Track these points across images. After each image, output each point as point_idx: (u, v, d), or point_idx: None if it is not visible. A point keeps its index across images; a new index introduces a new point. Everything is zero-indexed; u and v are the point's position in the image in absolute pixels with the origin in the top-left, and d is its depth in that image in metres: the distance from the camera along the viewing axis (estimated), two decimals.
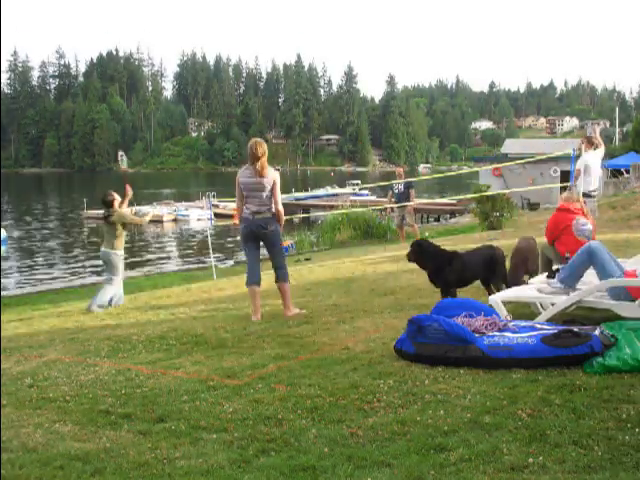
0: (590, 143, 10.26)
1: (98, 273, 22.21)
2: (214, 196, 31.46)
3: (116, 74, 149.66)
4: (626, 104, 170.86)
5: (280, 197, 6.46)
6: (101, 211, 9.44)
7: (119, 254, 8.96)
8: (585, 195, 9.79)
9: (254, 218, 6.40)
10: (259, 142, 6.47)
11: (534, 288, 5.58)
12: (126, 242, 9.22)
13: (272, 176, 6.38)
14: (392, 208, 14.90)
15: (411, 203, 14.11)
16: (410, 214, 14.51)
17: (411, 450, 3.15)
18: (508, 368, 4.15)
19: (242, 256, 25.50)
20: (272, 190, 6.35)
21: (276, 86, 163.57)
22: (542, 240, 6.85)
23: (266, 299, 7.50)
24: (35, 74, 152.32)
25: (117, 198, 9.10)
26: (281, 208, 6.47)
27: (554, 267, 6.12)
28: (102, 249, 9.06)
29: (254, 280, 6.56)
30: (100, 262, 9.05)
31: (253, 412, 3.78)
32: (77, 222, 41.45)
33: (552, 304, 5.19)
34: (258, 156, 6.29)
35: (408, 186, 14.07)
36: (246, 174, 6.41)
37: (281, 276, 6.58)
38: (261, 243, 6.65)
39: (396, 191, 14.18)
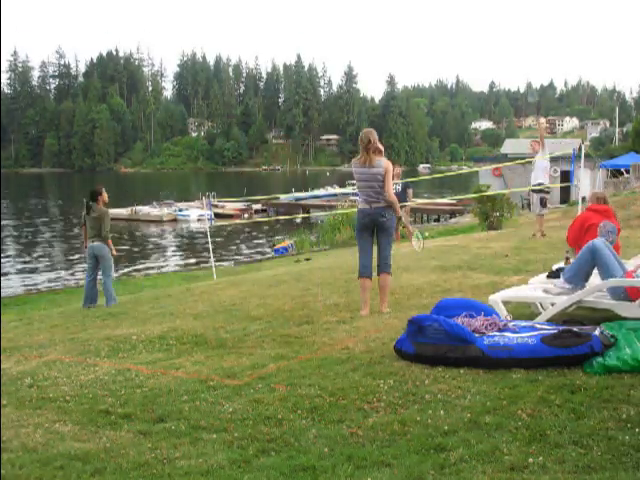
0: (541, 146, 12.04)
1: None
2: (214, 196, 31.48)
3: (116, 74, 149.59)
4: (626, 104, 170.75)
5: (391, 186, 6.37)
6: None
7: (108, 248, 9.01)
8: (534, 191, 11.64)
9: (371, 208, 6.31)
10: (368, 131, 6.34)
11: (536, 288, 5.57)
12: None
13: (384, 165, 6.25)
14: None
15: (408, 203, 13.81)
16: (407, 215, 14.23)
17: (411, 450, 3.15)
18: (508, 368, 4.15)
19: (242, 257, 25.54)
20: (384, 180, 6.24)
21: (276, 86, 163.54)
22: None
23: (266, 299, 7.51)
24: (35, 74, 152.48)
25: (105, 197, 9.21)
26: (394, 198, 6.41)
27: (554, 267, 6.11)
28: (93, 243, 9.02)
29: (366, 273, 6.45)
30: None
31: (253, 412, 3.78)
32: (77, 222, 41.43)
33: (552, 304, 5.19)
34: (367, 145, 6.19)
35: (406, 186, 13.60)
36: (357, 164, 6.36)
37: (384, 267, 6.46)
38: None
39: (394, 191, 13.98)
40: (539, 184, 11.96)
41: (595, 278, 5.29)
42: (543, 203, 11.92)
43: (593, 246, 5.20)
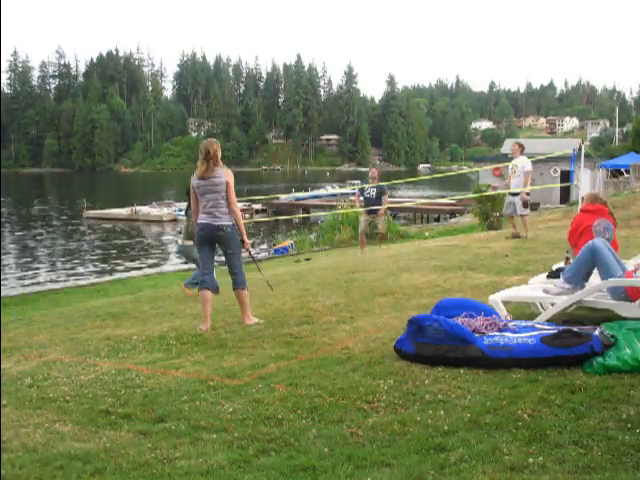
0: (522, 148, 12.19)
1: (101, 273, 22.25)
2: None
3: (116, 74, 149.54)
4: (626, 104, 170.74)
5: (235, 198, 6.10)
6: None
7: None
8: (514, 195, 11.91)
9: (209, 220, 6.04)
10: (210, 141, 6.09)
11: (536, 288, 5.57)
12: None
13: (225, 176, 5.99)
14: (386, 210, 13.87)
15: (383, 207, 12.93)
16: (383, 219, 13.25)
17: (411, 450, 3.15)
18: (508, 368, 4.16)
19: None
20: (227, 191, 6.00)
21: (276, 86, 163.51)
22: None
23: (266, 299, 7.51)
24: (35, 74, 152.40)
25: None
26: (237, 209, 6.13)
27: (554, 267, 6.12)
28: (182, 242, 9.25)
29: (205, 284, 6.29)
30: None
31: (253, 412, 3.78)
32: (77, 222, 41.43)
33: (552, 304, 5.19)
34: (207, 156, 5.96)
35: (381, 192, 12.60)
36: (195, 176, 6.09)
37: (239, 282, 6.26)
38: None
39: (367, 195, 12.70)
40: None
41: (595, 278, 5.29)
42: (525, 204, 12.00)
43: (593, 246, 5.20)
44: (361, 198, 13.16)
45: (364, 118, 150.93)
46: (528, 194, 12.11)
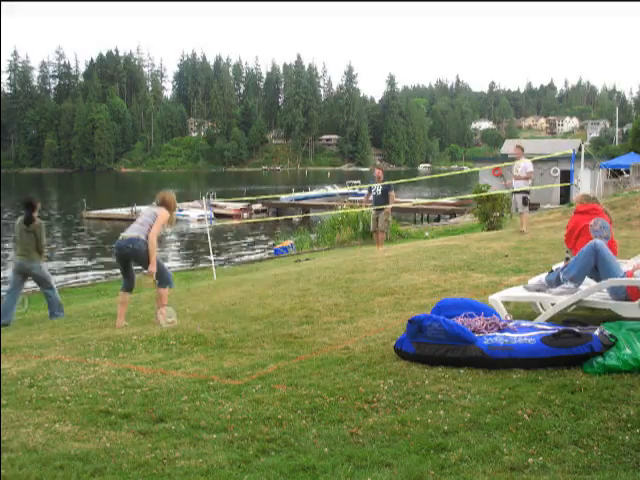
0: (523, 151, 13.29)
1: (102, 274, 22.25)
2: (214, 196, 31.46)
3: (116, 74, 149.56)
4: (626, 104, 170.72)
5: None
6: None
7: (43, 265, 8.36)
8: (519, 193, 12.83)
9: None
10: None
11: (537, 288, 5.57)
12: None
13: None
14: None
15: (389, 206, 13.50)
16: (387, 216, 13.85)
17: (411, 450, 3.15)
18: (508, 368, 4.16)
19: (242, 257, 25.55)
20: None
21: (276, 86, 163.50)
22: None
23: (266, 299, 7.51)
24: (35, 74, 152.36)
25: (38, 206, 8.44)
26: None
27: (554, 267, 6.11)
28: (19, 260, 8.25)
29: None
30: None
31: (253, 412, 3.78)
32: (77, 222, 41.42)
33: (552, 304, 5.20)
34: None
35: (387, 189, 13.32)
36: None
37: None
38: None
39: (374, 193, 13.43)
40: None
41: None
42: (525, 202, 13.04)
43: (596, 245, 5.21)
44: (370, 197, 13.85)
45: (364, 118, 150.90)
46: (528, 192, 13.02)
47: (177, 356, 5.23)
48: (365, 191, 15.46)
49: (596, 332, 4.23)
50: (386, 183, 13.48)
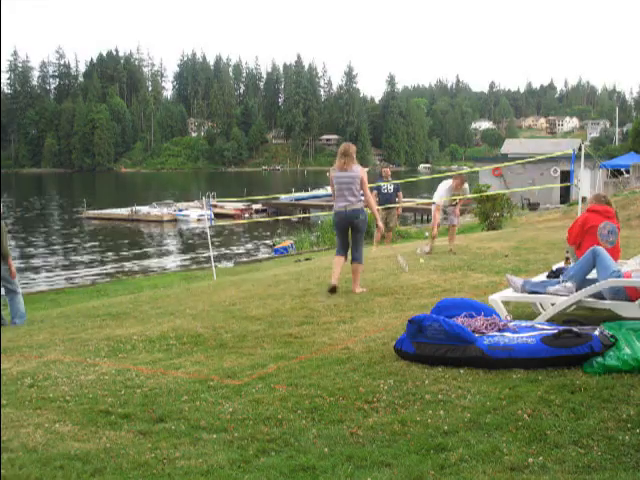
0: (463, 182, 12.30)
1: (101, 273, 22.26)
2: (214, 196, 31.47)
3: (116, 74, 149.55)
4: (626, 104, 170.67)
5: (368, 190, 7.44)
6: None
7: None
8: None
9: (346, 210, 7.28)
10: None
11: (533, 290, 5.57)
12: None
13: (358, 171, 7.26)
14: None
15: (398, 205, 13.66)
16: (396, 217, 13.95)
17: (411, 450, 3.15)
18: (508, 368, 4.16)
19: (242, 257, 25.55)
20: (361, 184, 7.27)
21: (276, 86, 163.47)
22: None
23: (266, 299, 7.51)
24: (35, 74, 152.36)
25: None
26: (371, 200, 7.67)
27: (554, 267, 6.12)
28: None
29: (341, 252, 7.51)
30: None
31: (253, 412, 3.78)
32: (77, 222, 41.42)
33: (552, 304, 5.20)
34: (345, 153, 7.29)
35: (397, 188, 13.54)
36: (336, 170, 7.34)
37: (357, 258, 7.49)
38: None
39: (384, 191, 13.57)
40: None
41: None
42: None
43: (595, 249, 5.29)
44: (376, 194, 13.76)
45: (364, 118, 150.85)
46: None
47: (177, 356, 5.23)
48: None
49: (596, 332, 4.23)
50: (395, 182, 13.72)
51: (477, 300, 5.41)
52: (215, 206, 37.47)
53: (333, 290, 7.29)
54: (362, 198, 7.33)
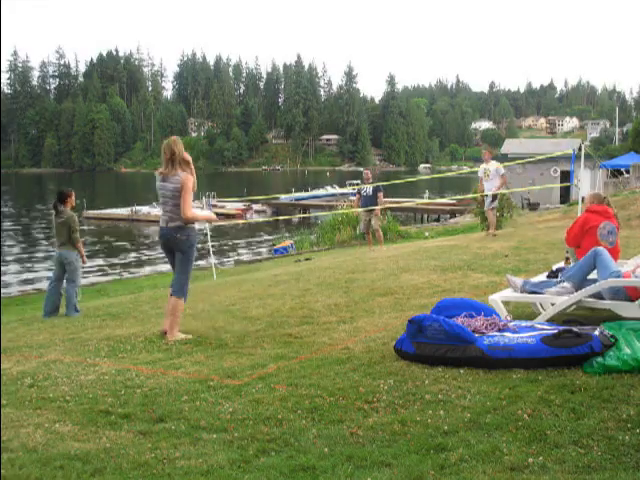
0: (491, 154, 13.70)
1: (101, 273, 22.26)
2: (214, 196, 31.46)
3: (116, 74, 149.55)
4: (626, 104, 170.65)
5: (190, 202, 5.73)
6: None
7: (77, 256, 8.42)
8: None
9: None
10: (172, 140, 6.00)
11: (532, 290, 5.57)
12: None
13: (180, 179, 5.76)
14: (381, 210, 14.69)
15: (379, 207, 13.87)
16: (377, 217, 14.02)
17: (411, 450, 3.15)
18: (508, 368, 4.16)
19: (242, 257, 25.56)
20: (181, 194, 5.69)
21: (276, 86, 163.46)
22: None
23: (266, 299, 7.51)
24: (35, 74, 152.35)
25: (73, 200, 8.57)
26: (190, 214, 5.75)
27: (554, 267, 6.12)
28: (61, 250, 8.44)
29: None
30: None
31: (253, 412, 3.78)
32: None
33: (552, 304, 5.20)
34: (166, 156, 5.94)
35: (376, 190, 13.65)
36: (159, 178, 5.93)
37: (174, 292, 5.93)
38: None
39: (364, 194, 13.73)
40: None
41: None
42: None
43: (596, 249, 5.29)
44: (358, 197, 14.13)
45: (364, 118, 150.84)
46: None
47: (177, 356, 5.23)
48: (354, 190, 15.72)
49: (596, 332, 4.23)
50: (375, 184, 13.80)
51: (477, 300, 5.41)
52: (215, 206, 37.44)
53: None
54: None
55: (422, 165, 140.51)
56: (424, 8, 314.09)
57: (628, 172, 29.86)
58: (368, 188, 13.62)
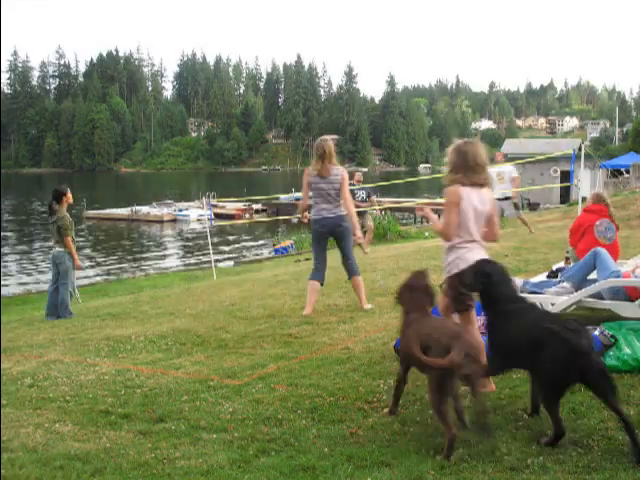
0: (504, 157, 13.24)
1: (101, 273, 22.26)
2: (214, 196, 31.43)
3: (116, 74, 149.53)
4: (626, 104, 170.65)
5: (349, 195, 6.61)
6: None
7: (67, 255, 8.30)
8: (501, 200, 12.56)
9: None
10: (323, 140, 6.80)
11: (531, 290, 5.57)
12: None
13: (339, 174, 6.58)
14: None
15: (369, 208, 13.94)
16: (370, 217, 14.02)
17: (411, 450, 3.15)
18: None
19: (242, 257, 25.55)
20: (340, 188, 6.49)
21: (276, 86, 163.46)
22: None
23: (266, 299, 7.51)
24: (35, 74, 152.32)
25: (69, 198, 8.51)
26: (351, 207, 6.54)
27: (554, 267, 6.12)
28: (54, 250, 8.39)
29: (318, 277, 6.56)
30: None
31: (253, 412, 3.78)
32: (77, 222, 41.39)
33: (552, 304, 5.20)
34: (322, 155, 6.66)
35: (369, 193, 13.78)
36: (313, 173, 6.67)
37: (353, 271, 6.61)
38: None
39: (358, 198, 13.54)
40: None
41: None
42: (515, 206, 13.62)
43: (596, 249, 5.30)
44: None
45: (364, 118, 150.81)
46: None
47: (177, 356, 5.23)
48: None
49: (596, 332, 4.23)
50: (366, 186, 13.93)
51: (477, 300, 5.40)
52: (215, 206, 37.43)
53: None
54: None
55: (422, 165, 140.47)
56: (424, 8, 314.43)
57: (628, 172, 29.84)
58: (362, 192, 13.67)
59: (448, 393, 3.14)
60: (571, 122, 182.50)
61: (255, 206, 41.69)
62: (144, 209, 42.64)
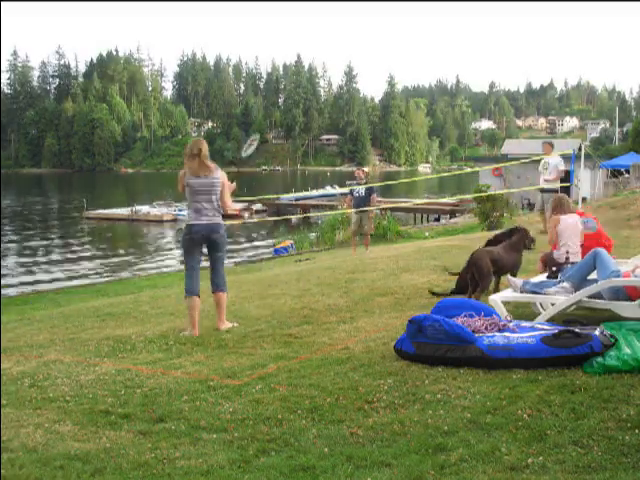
0: (552, 147, 12.63)
1: (101, 273, 22.27)
2: None
3: (116, 74, 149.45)
4: (626, 104, 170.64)
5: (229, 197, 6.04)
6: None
7: None
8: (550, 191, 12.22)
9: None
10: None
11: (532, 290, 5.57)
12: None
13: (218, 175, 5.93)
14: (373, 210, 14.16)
15: (371, 208, 13.33)
16: (370, 220, 13.54)
17: (411, 450, 3.15)
18: (508, 368, 4.15)
19: (242, 257, 25.56)
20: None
21: (276, 86, 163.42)
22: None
23: (266, 299, 7.51)
24: (35, 74, 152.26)
25: None
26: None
27: (554, 268, 6.12)
28: None
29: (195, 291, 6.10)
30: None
31: (253, 412, 3.78)
32: (77, 222, 41.40)
33: (552, 304, 5.20)
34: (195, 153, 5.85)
35: (370, 191, 13.14)
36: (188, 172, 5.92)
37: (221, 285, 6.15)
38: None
39: (356, 195, 13.19)
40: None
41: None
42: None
43: (596, 249, 5.31)
44: (350, 199, 13.61)
45: (364, 118, 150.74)
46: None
47: (177, 356, 5.23)
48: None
49: (596, 332, 4.23)
50: (369, 185, 13.35)
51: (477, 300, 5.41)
52: None
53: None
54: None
55: (422, 165, 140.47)
56: (424, 8, 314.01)
57: (628, 172, 29.83)
58: (361, 189, 13.15)
59: None
60: (571, 122, 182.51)
61: (255, 206, 41.70)
62: (144, 209, 42.63)
